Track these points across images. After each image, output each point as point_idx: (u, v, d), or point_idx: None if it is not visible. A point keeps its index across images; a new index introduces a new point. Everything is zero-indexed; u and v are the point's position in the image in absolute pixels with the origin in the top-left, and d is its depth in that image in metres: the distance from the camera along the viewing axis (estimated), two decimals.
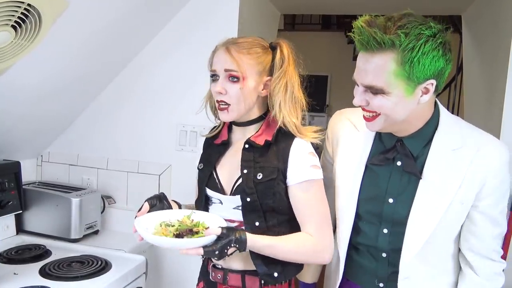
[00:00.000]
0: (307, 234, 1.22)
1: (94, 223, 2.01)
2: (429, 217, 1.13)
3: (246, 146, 1.26)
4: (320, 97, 5.97)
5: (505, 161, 1.12)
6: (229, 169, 1.30)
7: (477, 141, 1.12)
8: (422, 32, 0.98)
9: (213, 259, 1.31)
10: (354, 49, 5.43)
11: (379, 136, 1.21)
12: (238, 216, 1.26)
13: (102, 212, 2.10)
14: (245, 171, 1.24)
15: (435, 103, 1.16)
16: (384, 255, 1.22)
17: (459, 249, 1.22)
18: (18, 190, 1.90)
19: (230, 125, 1.35)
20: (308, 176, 1.21)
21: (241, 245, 1.13)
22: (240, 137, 1.31)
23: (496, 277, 1.19)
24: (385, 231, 1.20)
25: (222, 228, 1.12)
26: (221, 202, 1.30)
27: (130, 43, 2.03)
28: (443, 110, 1.17)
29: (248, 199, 1.23)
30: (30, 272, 1.57)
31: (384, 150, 1.19)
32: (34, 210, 1.96)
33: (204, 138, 1.40)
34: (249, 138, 1.26)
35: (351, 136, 1.25)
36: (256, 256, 1.21)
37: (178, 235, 1.12)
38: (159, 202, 1.25)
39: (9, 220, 1.91)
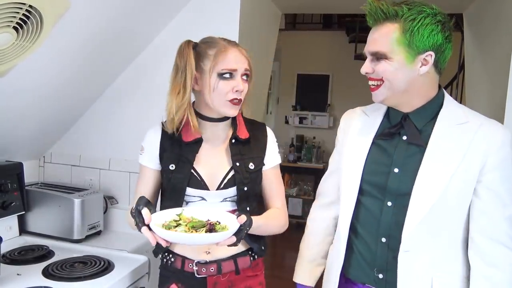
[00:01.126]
0: (275, 208, 1.43)
1: (96, 224, 2.01)
2: (433, 186, 1.15)
3: (233, 141, 1.37)
4: (322, 96, 5.97)
5: (507, 139, 1.16)
6: (212, 165, 1.36)
7: (480, 119, 1.19)
8: (423, 9, 1.12)
9: (188, 256, 1.37)
10: (355, 48, 5.42)
11: (387, 117, 1.29)
12: (225, 207, 1.36)
13: (104, 213, 2.10)
14: (237, 163, 1.36)
15: (440, 87, 1.23)
16: (383, 240, 1.22)
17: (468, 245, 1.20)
18: (20, 191, 1.90)
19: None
20: (278, 160, 1.45)
21: (250, 226, 1.21)
22: (211, 133, 1.38)
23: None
24: (389, 203, 1.21)
25: (246, 214, 1.20)
26: (203, 199, 1.34)
27: (132, 43, 2.04)
28: (447, 94, 1.25)
29: (245, 189, 1.36)
30: (33, 273, 1.57)
31: (390, 126, 1.26)
32: (36, 211, 1.97)
33: (149, 138, 1.40)
34: (235, 133, 1.37)
35: (361, 120, 1.34)
36: (248, 237, 1.34)
37: (211, 230, 1.15)
38: (152, 206, 1.23)
39: (12, 221, 1.91)
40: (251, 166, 1.37)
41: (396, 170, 1.21)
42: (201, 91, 1.33)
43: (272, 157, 1.43)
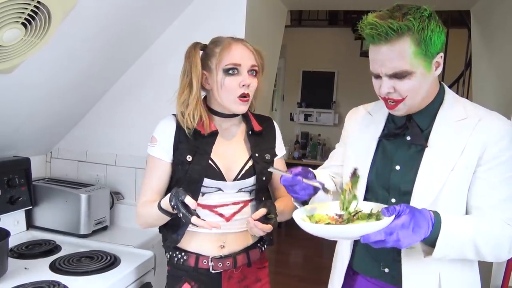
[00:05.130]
0: (285, 196, 1.44)
1: (103, 219, 2.03)
2: (433, 183, 1.15)
3: (250, 132, 1.43)
4: (327, 93, 5.96)
5: (508, 131, 1.14)
6: (229, 156, 1.39)
7: (480, 113, 1.18)
8: (422, 14, 1.09)
9: (202, 253, 1.38)
10: (361, 45, 5.40)
11: (391, 117, 1.28)
12: (241, 197, 1.40)
13: (111, 208, 2.12)
14: (256, 154, 1.41)
15: (440, 83, 1.23)
16: None
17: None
18: (28, 186, 1.92)
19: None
20: (284, 151, 1.54)
21: (276, 210, 1.34)
22: (225, 127, 1.42)
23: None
24: (393, 200, 1.22)
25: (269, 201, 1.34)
26: (220, 190, 1.37)
27: (138, 40, 2.04)
28: (447, 88, 1.24)
29: (264, 178, 1.41)
30: (41, 267, 1.58)
31: (395, 128, 1.25)
32: (44, 206, 1.98)
33: (163, 129, 1.40)
34: (251, 126, 1.43)
35: (365, 119, 1.35)
36: None
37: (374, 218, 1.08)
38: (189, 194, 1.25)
39: (20, 215, 1.93)
40: (267, 156, 1.44)
41: (397, 167, 1.22)
42: (211, 89, 1.38)
43: (280, 148, 1.51)
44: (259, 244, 1.47)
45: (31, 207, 1.95)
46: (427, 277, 1.18)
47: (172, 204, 1.22)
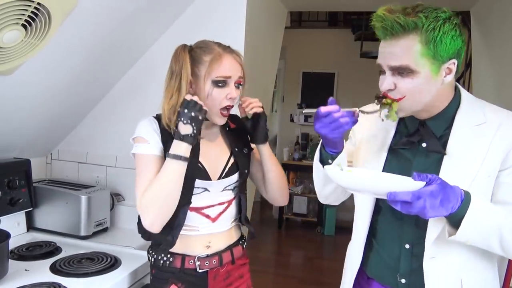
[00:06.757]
0: None
1: (103, 220, 2.03)
2: None
3: (227, 129, 1.46)
4: (327, 94, 5.92)
5: None
6: (211, 156, 1.41)
7: (499, 117, 1.14)
8: (438, 15, 1.05)
9: (188, 253, 1.38)
10: (361, 47, 5.39)
11: (403, 121, 1.24)
12: (225, 196, 1.42)
13: (111, 210, 2.11)
14: (236, 149, 1.44)
15: (456, 85, 1.19)
16: (407, 246, 1.20)
17: None
18: (28, 188, 1.92)
19: None
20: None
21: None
22: (205, 127, 1.40)
23: None
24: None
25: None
26: (207, 190, 1.38)
27: (138, 41, 2.04)
28: (463, 91, 1.20)
29: (246, 171, 1.46)
30: (41, 269, 1.58)
31: (408, 134, 1.21)
32: (44, 208, 1.98)
33: (147, 128, 1.38)
34: (227, 123, 1.44)
35: (375, 122, 1.28)
36: (245, 221, 1.48)
37: None
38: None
39: (20, 217, 1.93)
40: (245, 150, 1.47)
41: None
42: (194, 94, 1.36)
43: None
44: (240, 242, 1.51)
45: (31, 208, 1.95)
46: (450, 285, 1.16)
47: (180, 111, 1.26)
